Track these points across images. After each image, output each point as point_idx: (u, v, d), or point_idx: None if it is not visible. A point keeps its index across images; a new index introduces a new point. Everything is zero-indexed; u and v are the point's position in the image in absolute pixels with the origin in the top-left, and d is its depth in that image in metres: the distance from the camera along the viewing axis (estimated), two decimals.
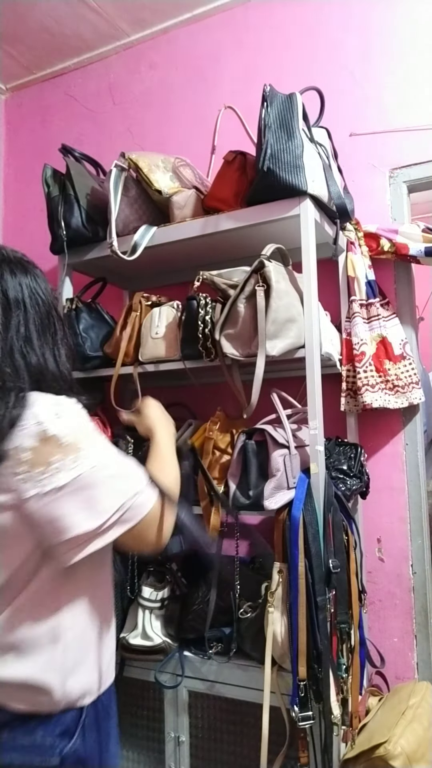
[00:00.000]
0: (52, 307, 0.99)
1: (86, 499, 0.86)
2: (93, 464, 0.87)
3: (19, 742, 0.86)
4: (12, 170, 2.62)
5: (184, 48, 2.25)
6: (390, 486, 1.81)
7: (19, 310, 0.93)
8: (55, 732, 0.88)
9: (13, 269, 0.96)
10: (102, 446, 0.91)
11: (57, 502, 0.85)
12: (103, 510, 0.87)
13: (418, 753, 1.36)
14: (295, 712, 1.33)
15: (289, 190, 1.48)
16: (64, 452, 0.85)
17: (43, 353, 0.95)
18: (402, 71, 1.88)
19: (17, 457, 0.84)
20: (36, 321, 0.95)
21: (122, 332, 1.75)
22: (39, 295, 0.97)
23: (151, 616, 1.63)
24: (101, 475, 0.88)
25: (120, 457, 0.94)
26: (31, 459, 0.84)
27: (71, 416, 0.90)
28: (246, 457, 1.50)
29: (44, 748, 0.87)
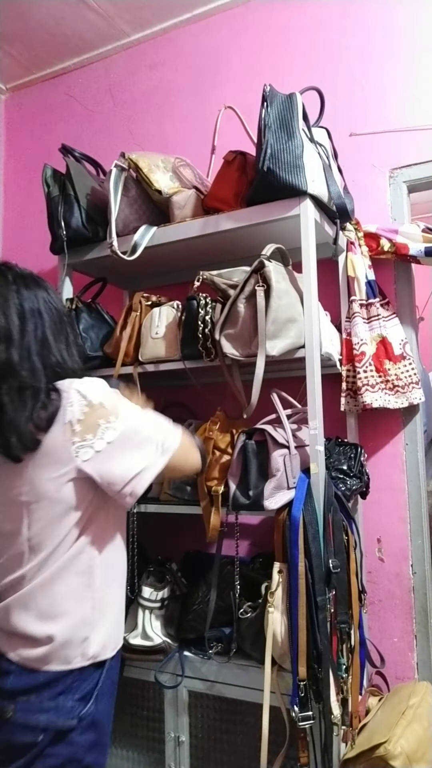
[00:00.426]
0: (63, 314, 1.16)
1: (134, 444, 1.10)
2: (129, 418, 1.11)
3: (45, 704, 1.01)
4: (12, 170, 2.62)
5: (185, 48, 2.25)
6: (390, 486, 1.81)
7: (35, 318, 1.09)
8: (75, 697, 1.04)
9: (28, 283, 1.12)
10: (129, 404, 1.15)
11: (112, 454, 1.06)
12: (148, 448, 1.12)
13: (418, 753, 1.36)
14: (295, 712, 1.33)
15: (289, 190, 1.48)
16: (106, 415, 1.07)
17: (61, 353, 1.12)
18: (402, 71, 1.88)
19: (71, 429, 1.04)
20: (51, 327, 1.11)
21: (122, 332, 1.75)
22: (52, 303, 1.13)
23: (151, 616, 1.63)
24: (137, 424, 1.12)
25: (143, 410, 1.18)
26: (83, 428, 1.05)
27: (102, 388, 1.11)
28: (246, 457, 1.50)
29: (66, 710, 1.02)
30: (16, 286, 1.10)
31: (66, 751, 1.02)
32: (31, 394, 1.04)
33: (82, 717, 1.03)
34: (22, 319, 1.07)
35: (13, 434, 1.01)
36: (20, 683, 1.02)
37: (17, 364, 1.04)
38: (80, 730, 1.03)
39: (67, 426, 1.04)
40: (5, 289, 1.09)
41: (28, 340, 1.07)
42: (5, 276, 1.12)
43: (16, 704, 1.00)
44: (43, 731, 1.00)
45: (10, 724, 0.99)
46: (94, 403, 1.07)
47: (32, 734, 1.00)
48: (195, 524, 1.63)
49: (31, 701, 1.01)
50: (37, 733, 1.00)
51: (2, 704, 1.00)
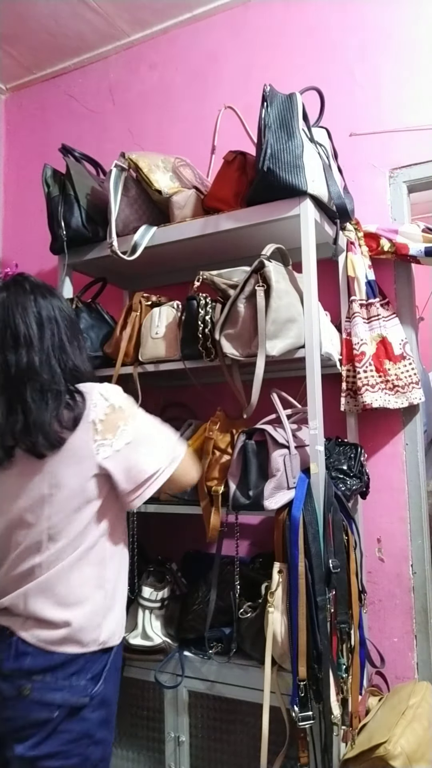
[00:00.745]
0: (75, 322, 1.26)
1: (148, 449, 1.19)
2: (145, 424, 1.22)
3: (60, 683, 1.09)
4: (12, 170, 2.62)
5: (184, 48, 2.25)
6: (390, 486, 1.81)
7: (51, 325, 1.18)
8: (87, 677, 1.12)
9: (44, 293, 1.21)
10: (144, 412, 1.25)
11: (129, 456, 1.16)
12: (160, 453, 1.21)
13: (418, 753, 1.36)
14: (295, 712, 1.33)
15: (289, 190, 1.48)
16: (125, 418, 1.17)
17: (75, 358, 1.20)
18: (402, 71, 1.88)
19: (94, 428, 1.13)
20: (66, 333, 1.20)
21: (122, 332, 1.75)
22: (65, 311, 1.23)
23: (151, 616, 1.63)
24: (152, 431, 1.23)
25: (154, 419, 1.27)
26: (104, 428, 1.14)
27: (121, 392, 1.22)
28: (246, 457, 1.50)
29: (79, 689, 1.10)
30: (34, 295, 1.19)
31: (79, 727, 1.10)
32: (52, 396, 1.12)
33: (93, 695, 1.12)
34: (40, 326, 1.17)
35: (39, 433, 1.09)
36: (37, 664, 1.09)
37: (38, 367, 1.13)
38: (92, 707, 1.12)
39: (90, 425, 1.13)
40: (24, 298, 1.18)
41: (47, 345, 1.16)
42: (23, 286, 1.20)
43: (33, 683, 1.08)
44: (58, 708, 1.08)
45: (27, 702, 1.07)
46: (116, 405, 1.17)
47: (48, 711, 1.07)
48: (195, 524, 1.63)
49: (47, 680, 1.08)
50: (53, 710, 1.07)
51: (20, 683, 1.08)
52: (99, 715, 1.13)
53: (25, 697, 1.07)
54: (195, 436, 1.65)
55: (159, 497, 1.73)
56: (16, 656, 1.10)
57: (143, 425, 1.21)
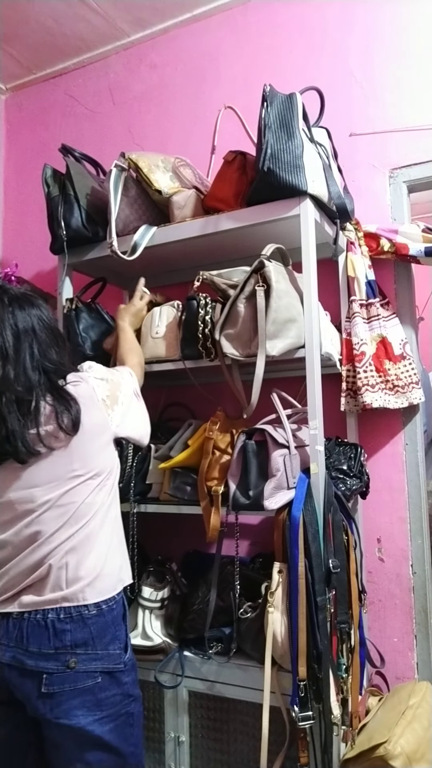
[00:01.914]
0: (55, 328, 1.30)
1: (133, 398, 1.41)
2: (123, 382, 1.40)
3: (99, 653, 1.21)
4: (12, 170, 2.62)
5: (184, 48, 2.25)
6: (390, 486, 1.81)
7: (29, 336, 1.21)
8: (120, 646, 1.25)
9: (22, 304, 1.24)
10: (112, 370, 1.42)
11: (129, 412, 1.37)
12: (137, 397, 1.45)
13: (418, 753, 1.36)
14: (295, 712, 1.33)
15: (289, 190, 1.48)
16: (117, 387, 1.36)
17: (61, 360, 1.26)
18: (402, 71, 1.88)
19: (105, 404, 1.30)
20: (45, 342, 1.24)
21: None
22: (44, 321, 1.26)
23: (151, 616, 1.63)
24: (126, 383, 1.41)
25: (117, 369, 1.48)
26: (111, 401, 1.31)
27: (101, 367, 1.38)
28: (246, 457, 1.50)
29: (114, 657, 1.23)
30: (11, 307, 1.22)
31: (119, 690, 1.23)
32: (26, 407, 1.17)
33: (126, 662, 1.25)
34: (17, 338, 1.20)
35: (17, 441, 1.15)
36: (77, 638, 1.20)
37: (13, 380, 1.17)
38: (126, 672, 1.25)
39: (101, 402, 1.28)
40: (1, 311, 1.21)
41: (24, 356, 1.19)
42: (1, 299, 1.23)
43: (78, 656, 1.19)
44: (100, 674, 1.21)
45: (74, 673, 1.18)
46: (108, 380, 1.34)
47: (92, 678, 1.20)
48: (195, 524, 1.64)
49: (88, 652, 1.20)
50: (96, 676, 1.20)
51: (66, 658, 1.18)
52: (132, 677, 1.27)
53: (73, 669, 1.18)
54: (195, 436, 1.65)
55: (159, 497, 1.73)
56: (56, 634, 1.19)
57: (123, 383, 1.39)
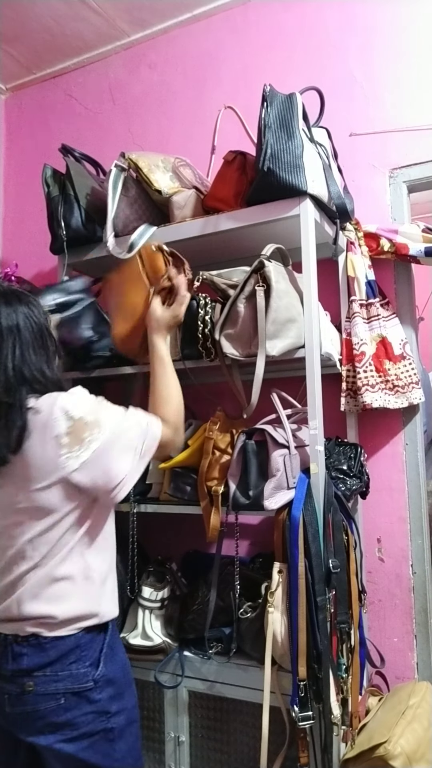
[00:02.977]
0: (44, 327, 1.22)
1: (117, 451, 1.17)
2: (112, 427, 1.16)
3: (60, 674, 1.13)
4: (12, 170, 2.62)
5: (184, 48, 2.25)
6: (390, 486, 1.81)
7: (12, 334, 1.15)
8: (86, 664, 1.15)
9: (9, 300, 1.18)
10: (112, 411, 1.20)
11: (98, 462, 1.14)
12: (130, 454, 1.18)
13: (418, 753, 1.36)
14: (295, 712, 1.33)
15: (289, 190, 1.48)
16: (90, 428, 1.14)
17: (41, 367, 1.18)
18: (402, 71, 1.88)
19: (59, 442, 1.11)
20: (31, 342, 1.17)
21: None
22: (32, 319, 1.19)
23: (151, 616, 1.63)
24: (119, 431, 1.18)
25: (125, 413, 1.22)
26: (70, 441, 1.12)
27: (85, 399, 1.18)
28: (246, 457, 1.50)
29: (79, 676, 1.14)
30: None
31: (91, 708, 1.14)
32: (4, 411, 1.12)
33: (97, 679, 1.15)
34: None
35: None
36: (33, 662, 1.13)
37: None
38: (98, 689, 1.15)
39: (54, 440, 1.11)
40: None
41: (5, 355, 1.14)
42: None
43: (35, 679, 1.12)
44: (63, 695, 1.12)
45: (33, 696, 1.12)
46: (76, 417, 1.13)
47: (54, 699, 1.12)
48: (195, 524, 1.64)
49: (47, 674, 1.13)
50: (59, 698, 1.12)
51: (22, 681, 1.12)
52: (108, 693, 1.17)
53: (30, 692, 1.11)
54: (195, 436, 1.65)
55: (159, 497, 1.73)
56: (14, 658, 1.14)
57: (109, 428, 1.16)
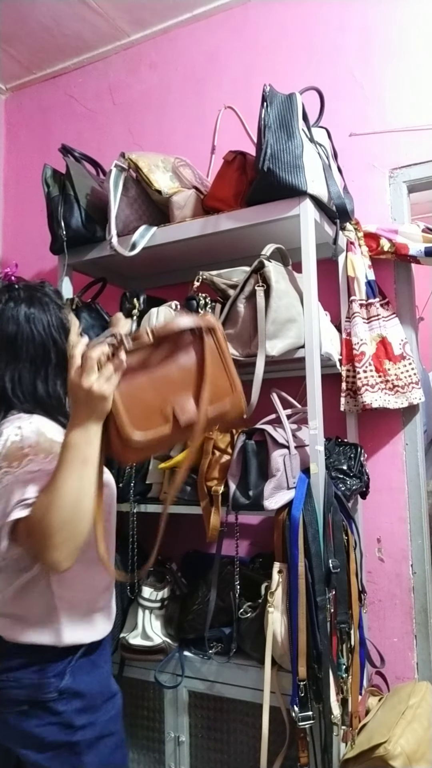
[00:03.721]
0: (50, 340, 1.14)
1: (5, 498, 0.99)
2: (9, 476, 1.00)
3: (23, 681, 1.09)
4: (12, 170, 2.62)
5: (184, 48, 2.25)
6: (390, 486, 1.81)
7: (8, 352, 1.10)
8: (48, 675, 1.09)
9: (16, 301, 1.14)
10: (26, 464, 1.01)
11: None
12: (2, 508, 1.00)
13: (418, 753, 1.36)
14: (295, 712, 1.33)
15: (289, 190, 1.48)
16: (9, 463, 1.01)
17: (32, 381, 1.11)
18: (402, 71, 1.88)
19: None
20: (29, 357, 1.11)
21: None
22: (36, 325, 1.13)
23: (151, 616, 1.63)
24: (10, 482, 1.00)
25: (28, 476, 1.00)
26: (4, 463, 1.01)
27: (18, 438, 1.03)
28: (246, 457, 1.50)
29: (42, 686, 1.08)
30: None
31: (54, 719, 1.09)
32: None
33: (62, 690, 1.09)
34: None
35: None
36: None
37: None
38: (64, 701, 1.09)
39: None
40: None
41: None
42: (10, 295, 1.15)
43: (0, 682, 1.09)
44: (26, 703, 1.08)
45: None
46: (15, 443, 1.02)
47: (17, 705, 1.08)
48: (195, 524, 1.64)
49: (9, 678, 1.09)
50: (22, 704, 1.08)
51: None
52: (74, 705, 1.10)
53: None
54: None
55: (159, 497, 1.73)
56: None
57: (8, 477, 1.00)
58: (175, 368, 1.00)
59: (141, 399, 0.98)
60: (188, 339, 1.02)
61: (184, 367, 1.01)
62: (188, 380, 1.01)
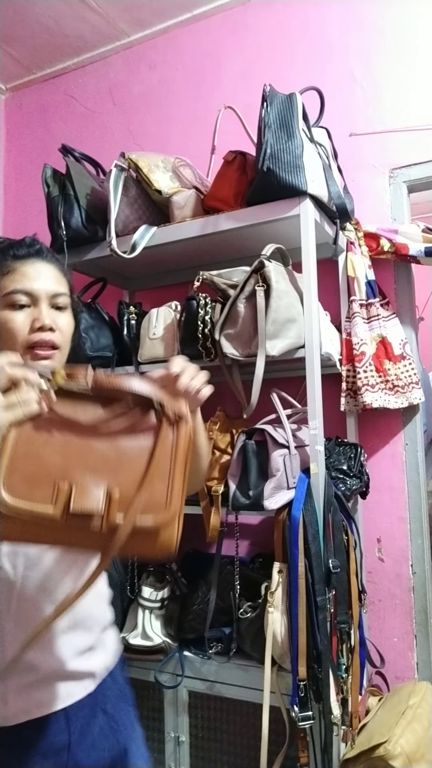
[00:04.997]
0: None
1: None
2: None
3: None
4: (12, 170, 2.62)
5: (184, 48, 2.25)
6: (390, 486, 1.81)
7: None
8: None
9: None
10: None
11: None
12: None
13: (418, 753, 1.36)
14: (295, 712, 1.33)
15: (289, 190, 1.48)
16: None
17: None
18: (402, 71, 1.88)
19: None
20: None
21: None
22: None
23: (151, 616, 1.63)
24: None
25: None
26: None
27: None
28: (246, 457, 1.50)
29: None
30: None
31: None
32: None
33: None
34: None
35: None
36: None
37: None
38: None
39: None
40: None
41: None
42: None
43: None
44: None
45: None
46: None
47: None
48: (195, 524, 1.64)
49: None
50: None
51: None
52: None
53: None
54: None
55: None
56: None
57: None
58: (107, 442, 0.75)
59: (37, 456, 0.72)
60: (143, 414, 0.77)
61: (120, 445, 0.75)
62: (113, 463, 0.74)
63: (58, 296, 0.99)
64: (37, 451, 0.72)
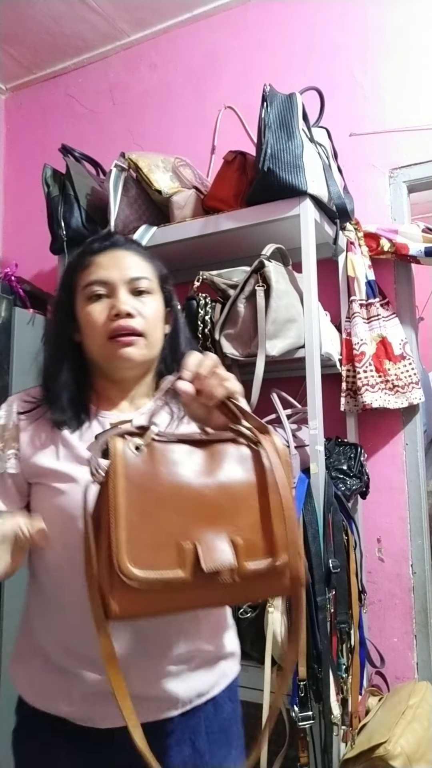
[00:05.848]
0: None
1: None
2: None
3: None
4: (12, 170, 2.62)
5: (184, 48, 2.25)
6: (390, 486, 1.81)
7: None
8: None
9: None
10: None
11: None
12: None
13: (418, 753, 1.36)
14: (295, 712, 1.33)
15: (289, 190, 1.48)
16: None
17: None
18: (402, 71, 1.88)
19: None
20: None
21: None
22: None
23: None
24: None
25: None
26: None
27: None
28: None
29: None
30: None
31: None
32: None
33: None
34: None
35: None
36: None
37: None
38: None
39: None
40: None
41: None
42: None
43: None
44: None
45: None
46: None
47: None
48: None
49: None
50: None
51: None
52: None
53: None
54: None
55: None
56: None
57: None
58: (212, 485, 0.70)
59: (153, 521, 0.67)
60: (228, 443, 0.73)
61: (226, 486, 0.70)
62: (227, 509, 0.70)
63: (137, 280, 0.96)
64: (151, 514, 0.67)
